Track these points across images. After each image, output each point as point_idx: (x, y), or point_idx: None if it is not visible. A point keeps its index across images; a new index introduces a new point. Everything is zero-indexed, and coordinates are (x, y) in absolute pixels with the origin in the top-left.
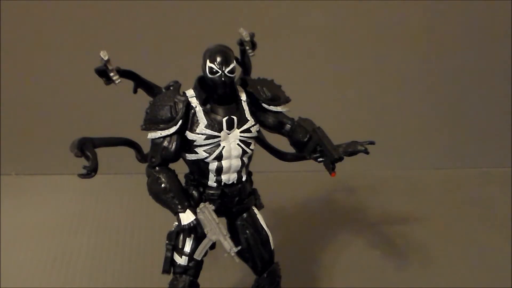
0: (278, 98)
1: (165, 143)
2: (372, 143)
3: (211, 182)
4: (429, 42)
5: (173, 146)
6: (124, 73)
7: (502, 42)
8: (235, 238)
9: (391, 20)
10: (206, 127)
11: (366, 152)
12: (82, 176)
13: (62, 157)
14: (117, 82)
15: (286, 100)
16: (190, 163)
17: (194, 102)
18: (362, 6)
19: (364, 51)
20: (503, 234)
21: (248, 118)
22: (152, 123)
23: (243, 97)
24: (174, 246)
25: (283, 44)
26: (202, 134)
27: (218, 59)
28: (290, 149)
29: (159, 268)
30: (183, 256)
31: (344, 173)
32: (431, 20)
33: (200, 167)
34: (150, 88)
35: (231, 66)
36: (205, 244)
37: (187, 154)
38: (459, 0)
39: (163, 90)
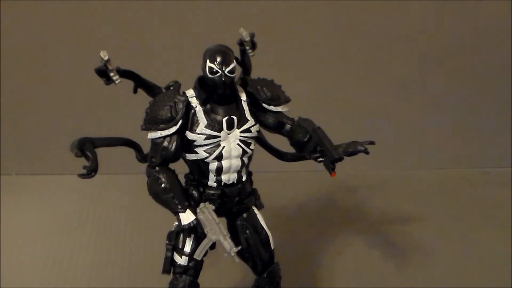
0: (278, 98)
1: (165, 143)
2: (372, 143)
3: (211, 182)
4: (429, 42)
5: (173, 146)
6: (124, 73)
7: (502, 42)
8: (235, 238)
9: (392, 20)
10: (206, 127)
11: (366, 152)
12: (82, 176)
13: (62, 157)
14: (117, 82)
15: (286, 100)
16: (190, 163)
17: (194, 102)
18: (362, 6)
19: (364, 51)
20: (503, 234)
21: (248, 118)
22: (152, 123)
23: (243, 97)
24: (174, 246)
25: (283, 44)
26: (202, 134)
27: (218, 59)
28: (290, 149)
29: (159, 268)
30: (183, 256)
31: (344, 173)
32: (431, 20)
33: (200, 167)
34: (150, 88)
35: (231, 66)
36: (205, 244)
37: (187, 154)
38: (459, 1)
39: (163, 90)
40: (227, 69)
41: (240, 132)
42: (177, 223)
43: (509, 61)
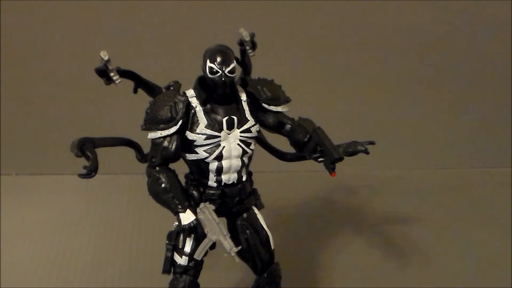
0: (278, 98)
1: (165, 143)
2: (372, 143)
3: (211, 182)
4: (429, 42)
5: (173, 146)
6: (124, 73)
7: (502, 42)
8: (235, 238)
9: (391, 20)
10: (206, 127)
11: (366, 152)
12: (82, 176)
13: (62, 157)
14: (117, 82)
15: (286, 100)
16: (190, 163)
17: (194, 102)
18: (362, 6)
19: (364, 51)
20: (503, 234)
21: (248, 118)
22: (152, 123)
23: (243, 97)
24: (174, 246)
25: (283, 44)
26: (202, 134)
27: (218, 59)
28: (290, 149)
29: (159, 268)
30: (183, 256)
31: (344, 173)
32: (430, 19)
33: (200, 167)
34: (150, 88)
35: (231, 66)
36: (205, 244)
37: (187, 154)
38: (460, 1)
39: (163, 90)
40: (227, 69)
41: (240, 132)
42: (177, 223)
43: (509, 61)
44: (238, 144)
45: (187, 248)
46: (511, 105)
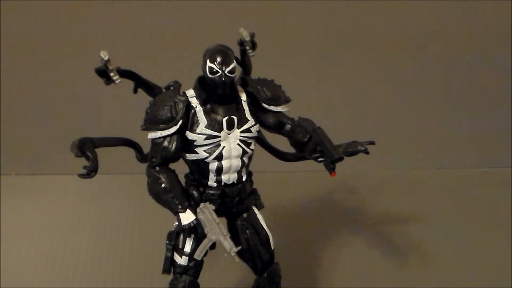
0: (278, 98)
1: (165, 143)
2: (372, 143)
3: (211, 182)
4: (429, 42)
5: (173, 146)
6: (124, 73)
7: (501, 42)
8: (235, 238)
9: (391, 20)
10: (206, 127)
11: (366, 152)
12: (82, 176)
13: (62, 157)
14: (117, 82)
15: (286, 100)
16: (190, 163)
17: (194, 102)
18: (363, 6)
19: (364, 51)
20: (503, 234)
21: (248, 118)
22: (152, 123)
23: (243, 97)
24: (174, 246)
25: (283, 44)
26: (202, 134)
27: (218, 59)
28: (290, 149)
29: (159, 268)
30: (183, 256)
31: (344, 173)
32: (430, 20)
33: (200, 167)
34: (150, 88)
35: (231, 66)
36: (205, 244)
37: (187, 154)
38: (459, 1)
39: (163, 90)
40: (227, 69)
41: (240, 132)
42: (177, 223)
43: (509, 61)
44: (238, 144)
45: (187, 248)
46: (511, 105)
